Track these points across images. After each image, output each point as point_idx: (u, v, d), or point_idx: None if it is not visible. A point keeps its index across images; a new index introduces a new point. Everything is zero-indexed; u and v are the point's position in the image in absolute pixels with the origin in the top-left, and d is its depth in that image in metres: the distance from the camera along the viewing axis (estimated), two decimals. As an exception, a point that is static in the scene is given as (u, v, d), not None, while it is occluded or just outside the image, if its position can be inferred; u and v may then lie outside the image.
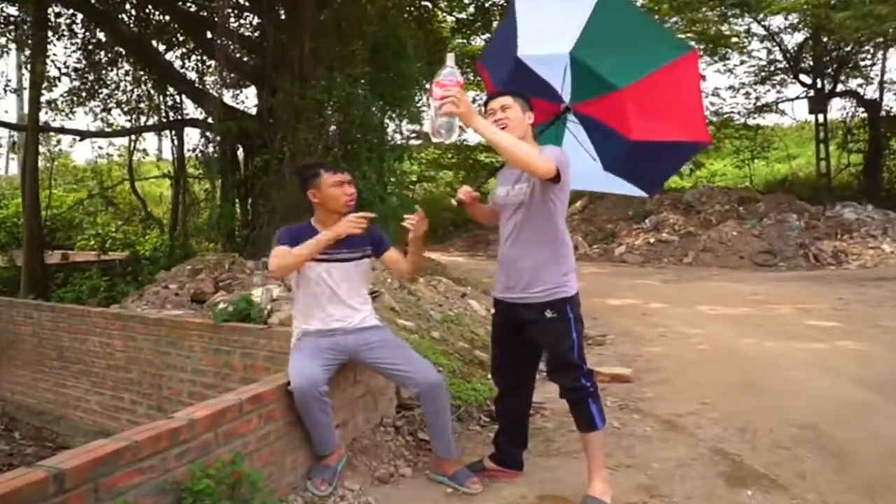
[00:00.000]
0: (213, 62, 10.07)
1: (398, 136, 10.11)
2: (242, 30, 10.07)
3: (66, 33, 9.96)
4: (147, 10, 9.95)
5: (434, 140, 2.44)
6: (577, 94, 2.88)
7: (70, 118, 10.96)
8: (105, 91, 11.04)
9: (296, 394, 2.63)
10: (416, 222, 2.77)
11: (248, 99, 21.03)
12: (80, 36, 10.12)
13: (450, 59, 2.38)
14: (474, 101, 20.53)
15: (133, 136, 12.82)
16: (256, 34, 9.78)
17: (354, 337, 2.87)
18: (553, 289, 2.59)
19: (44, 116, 10.51)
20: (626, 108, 2.72)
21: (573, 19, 2.75)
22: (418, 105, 9.74)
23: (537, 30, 2.85)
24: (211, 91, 9.96)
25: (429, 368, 2.87)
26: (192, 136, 27.37)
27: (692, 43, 17.16)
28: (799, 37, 16.95)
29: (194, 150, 11.32)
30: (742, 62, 17.89)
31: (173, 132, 11.79)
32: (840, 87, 17.31)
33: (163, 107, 11.41)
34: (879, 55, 16.57)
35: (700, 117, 2.94)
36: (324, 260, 2.85)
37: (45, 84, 9.76)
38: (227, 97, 10.12)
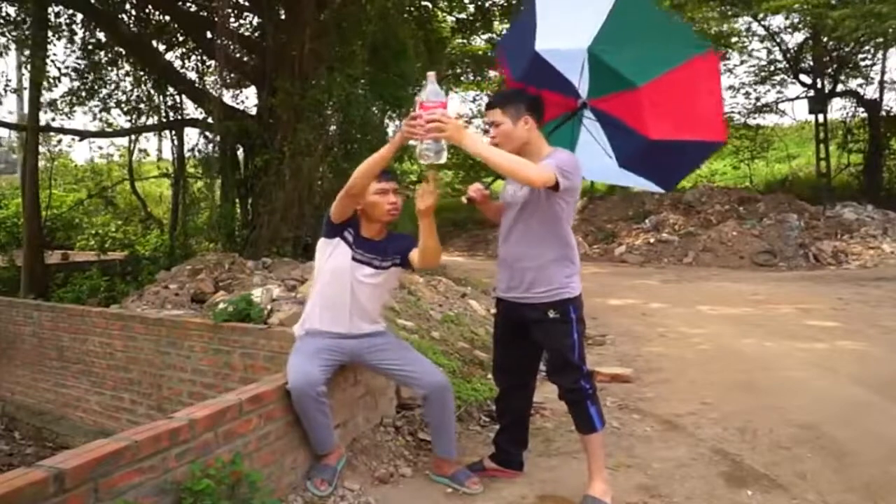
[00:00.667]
0: (213, 62, 10.07)
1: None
2: (242, 30, 10.07)
3: (66, 33, 9.96)
4: (147, 10, 9.94)
5: (423, 162, 2.41)
6: (594, 90, 2.85)
7: (70, 118, 10.95)
8: (105, 91, 11.04)
9: (293, 393, 2.63)
10: (422, 192, 2.58)
11: (248, 99, 21.04)
12: (80, 36, 10.12)
13: (431, 77, 2.36)
14: (475, 100, 20.60)
15: (133, 136, 12.81)
16: (256, 34, 9.78)
17: (359, 341, 2.86)
18: (557, 289, 2.59)
19: (44, 116, 10.52)
20: (644, 107, 2.69)
21: (593, 15, 2.73)
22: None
23: (556, 24, 2.81)
24: (211, 91, 9.95)
25: (434, 370, 2.87)
26: (192, 136, 27.37)
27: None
28: (799, 37, 16.96)
29: (194, 149, 11.34)
30: (742, 62, 17.90)
31: (173, 132, 11.78)
32: (840, 87, 17.29)
33: (163, 107, 11.40)
34: (879, 55, 16.57)
35: (718, 116, 2.92)
36: (357, 259, 2.80)
37: (45, 84, 9.75)
38: (227, 97, 10.12)
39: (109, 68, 10.82)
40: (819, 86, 16.86)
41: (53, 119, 10.98)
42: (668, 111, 2.71)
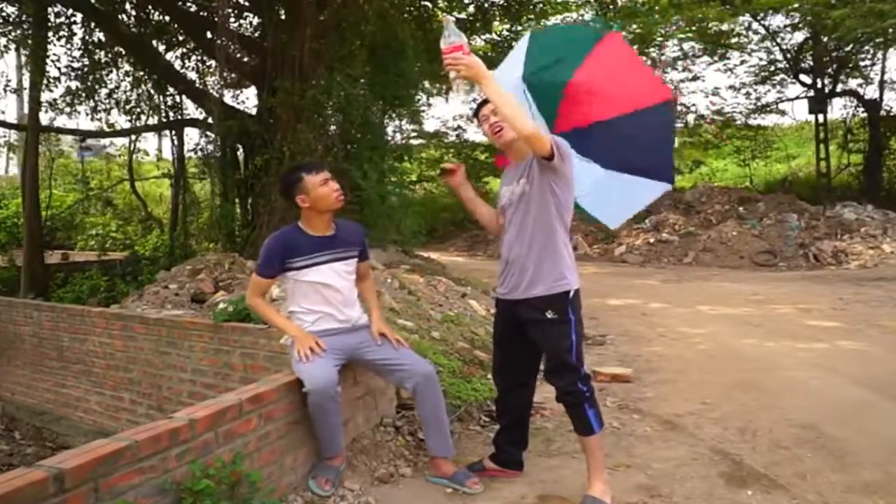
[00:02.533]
0: (213, 62, 10.07)
1: (398, 136, 10.12)
2: (242, 30, 10.07)
3: (66, 33, 9.95)
4: (147, 10, 9.94)
5: (460, 96, 2.51)
6: (546, 115, 3.05)
7: (73, 118, 10.94)
8: (105, 91, 11.03)
9: (313, 396, 2.60)
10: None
11: (248, 99, 21.02)
12: (80, 36, 10.11)
13: (446, 22, 2.41)
14: (474, 99, 20.58)
15: (133, 136, 12.81)
16: (256, 34, 9.77)
17: (353, 336, 2.89)
18: (555, 283, 2.60)
19: (44, 116, 10.51)
20: (582, 97, 2.92)
21: (517, 53, 3.17)
22: (418, 104, 9.71)
23: (503, 74, 3.13)
24: (211, 91, 9.95)
25: (421, 360, 2.90)
26: (192, 136, 27.34)
27: (691, 44, 17.22)
28: (799, 37, 16.95)
29: (194, 149, 11.34)
30: (742, 62, 17.89)
31: (173, 132, 11.79)
32: (840, 87, 17.28)
33: (163, 107, 11.40)
34: (879, 55, 16.55)
35: (652, 78, 3.18)
36: (328, 261, 2.86)
37: (45, 84, 9.74)
38: (227, 97, 10.12)
39: (109, 68, 10.81)
40: (819, 86, 16.86)
41: (55, 119, 10.98)
42: (605, 92, 2.93)
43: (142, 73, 10.86)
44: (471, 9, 12.81)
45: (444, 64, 2.37)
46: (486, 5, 12.65)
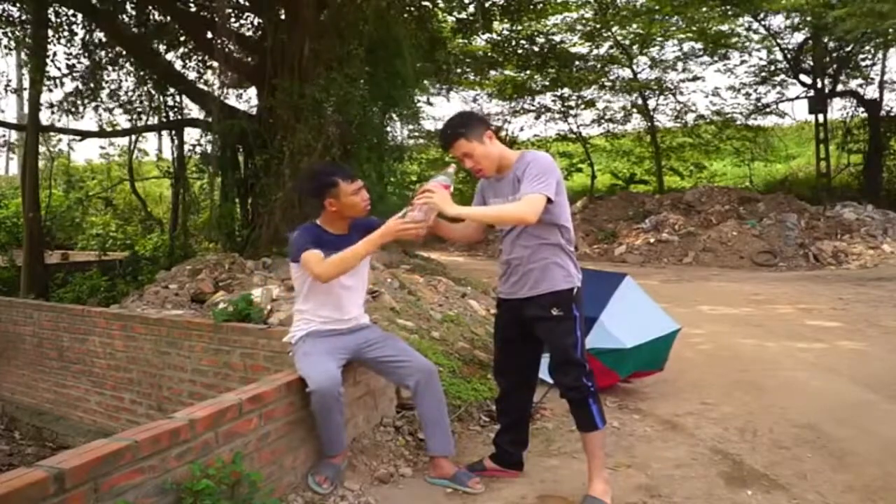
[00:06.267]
0: (213, 62, 10.06)
1: (398, 136, 10.11)
2: (242, 30, 10.06)
3: (66, 33, 9.94)
4: (147, 10, 9.93)
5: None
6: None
7: (75, 118, 10.93)
8: (105, 91, 11.01)
9: (317, 396, 2.60)
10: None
11: (248, 100, 21.00)
12: (81, 36, 10.10)
13: (451, 168, 2.57)
14: (475, 100, 20.60)
15: (133, 136, 12.80)
16: (256, 34, 9.77)
17: (356, 335, 2.90)
18: (559, 281, 2.62)
19: (45, 116, 10.50)
20: None
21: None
22: (417, 105, 9.70)
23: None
24: (211, 91, 9.94)
25: (421, 357, 2.91)
26: (192, 135, 27.33)
27: (691, 44, 17.24)
28: (799, 37, 16.95)
29: (194, 147, 11.33)
30: (742, 62, 17.90)
31: (173, 132, 11.78)
32: (840, 87, 17.28)
33: (163, 107, 11.39)
34: (879, 55, 16.56)
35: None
36: None
37: (45, 84, 9.73)
38: (228, 97, 10.11)
39: (110, 68, 10.80)
40: (819, 86, 16.86)
41: (58, 119, 10.96)
42: None
43: (142, 74, 10.85)
44: (471, 8, 12.80)
45: (420, 190, 2.49)
46: (487, 5, 12.64)
